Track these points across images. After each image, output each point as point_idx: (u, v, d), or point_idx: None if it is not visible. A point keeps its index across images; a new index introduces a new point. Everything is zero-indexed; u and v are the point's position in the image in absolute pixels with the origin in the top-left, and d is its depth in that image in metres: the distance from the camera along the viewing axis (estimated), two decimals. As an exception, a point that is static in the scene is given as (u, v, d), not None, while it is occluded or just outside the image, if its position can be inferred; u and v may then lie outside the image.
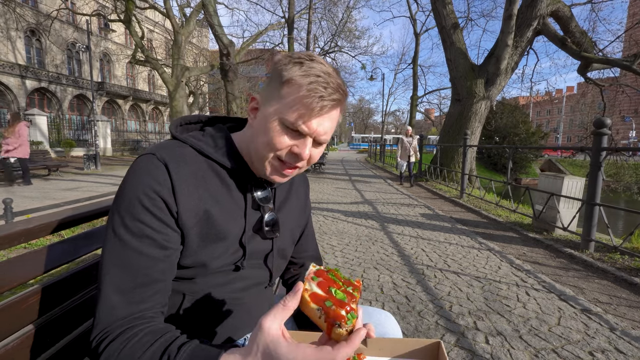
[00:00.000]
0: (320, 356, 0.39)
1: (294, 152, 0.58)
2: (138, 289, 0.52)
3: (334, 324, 0.41)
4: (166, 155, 0.57)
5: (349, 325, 0.41)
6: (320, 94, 0.54)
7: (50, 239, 3.07)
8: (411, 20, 18.19)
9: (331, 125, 0.59)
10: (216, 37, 9.13)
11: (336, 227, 4.08)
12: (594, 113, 42.22)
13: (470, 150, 7.27)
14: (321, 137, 0.58)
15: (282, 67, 0.57)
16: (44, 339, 0.63)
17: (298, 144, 0.58)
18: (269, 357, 0.40)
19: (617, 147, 4.60)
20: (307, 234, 0.86)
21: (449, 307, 2.10)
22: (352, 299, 0.44)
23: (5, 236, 0.62)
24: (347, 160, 22.22)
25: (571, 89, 60.43)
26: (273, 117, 0.57)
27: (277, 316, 0.41)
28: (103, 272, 0.52)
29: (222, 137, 0.66)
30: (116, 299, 0.51)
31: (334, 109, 0.57)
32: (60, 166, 9.66)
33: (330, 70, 0.57)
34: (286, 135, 0.57)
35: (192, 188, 0.58)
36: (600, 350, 1.66)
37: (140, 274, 0.52)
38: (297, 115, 0.55)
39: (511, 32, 7.58)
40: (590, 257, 3.03)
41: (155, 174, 0.55)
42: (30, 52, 21.74)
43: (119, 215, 0.53)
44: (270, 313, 0.41)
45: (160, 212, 0.54)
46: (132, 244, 0.52)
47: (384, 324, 0.76)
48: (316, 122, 0.56)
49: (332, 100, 0.55)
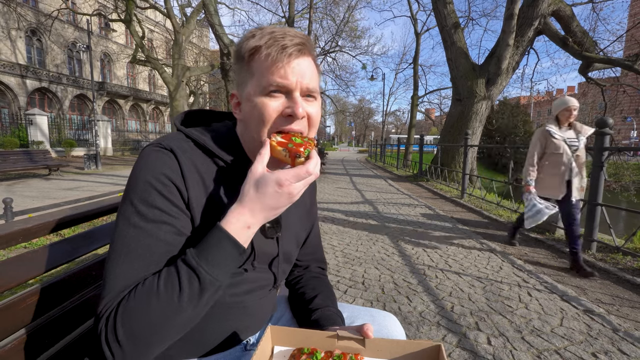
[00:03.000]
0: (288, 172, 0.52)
1: (287, 115, 0.56)
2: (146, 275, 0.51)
3: (296, 155, 0.54)
4: (172, 144, 0.57)
5: (307, 153, 0.54)
6: (281, 43, 0.54)
7: (50, 238, 3.06)
8: (412, 19, 18.15)
9: (310, 72, 0.57)
10: (217, 36, 9.13)
11: (337, 227, 4.07)
12: (594, 113, 42.14)
13: (471, 150, 7.25)
14: (306, 86, 0.56)
15: (240, 49, 0.58)
16: (43, 339, 0.62)
17: (288, 104, 0.56)
18: (259, 186, 0.52)
19: (619, 147, 4.58)
20: (312, 237, 0.84)
21: (450, 307, 2.09)
22: (307, 143, 0.56)
23: (4, 235, 0.61)
24: (347, 160, 22.21)
25: (572, 89, 60.35)
26: (254, 95, 0.56)
27: (258, 160, 0.53)
28: (111, 264, 0.50)
29: (226, 133, 0.64)
30: (123, 286, 0.49)
31: (302, 56, 0.56)
32: (61, 166, 9.67)
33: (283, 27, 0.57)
34: (272, 103, 0.56)
35: (196, 179, 0.57)
36: (603, 352, 1.65)
37: (154, 262, 0.51)
38: (271, 75, 0.54)
39: (512, 31, 7.56)
40: (592, 257, 3.02)
41: (167, 161, 0.54)
42: (31, 51, 21.77)
43: (132, 204, 0.52)
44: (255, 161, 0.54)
45: (175, 197, 0.54)
46: (150, 230, 0.51)
47: (388, 326, 0.74)
48: (290, 72, 0.55)
49: (296, 44, 0.55)
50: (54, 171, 9.34)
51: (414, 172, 10.82)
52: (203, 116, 0.71)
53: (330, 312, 0.71)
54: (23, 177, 8.92)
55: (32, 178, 8.87)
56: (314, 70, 0.59)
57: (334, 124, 70.94)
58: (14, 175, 9.07)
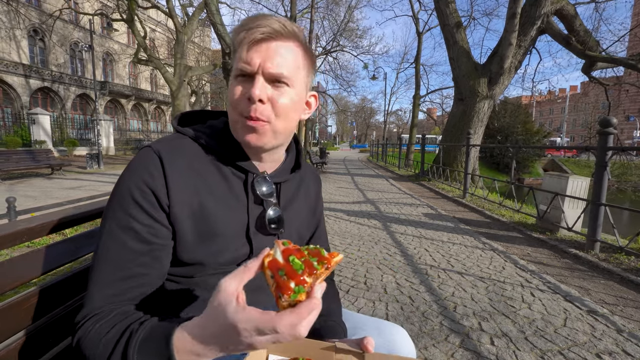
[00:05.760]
0: (263, 319, 0.37)
1: (247, 98, 0.55)
2: (118, 282, 0.52)
3: (278, 295, 0.39)
4: (162, 147, 0.56)
5: (292, 299, 0.38)
6: (247, 26, 0.54)
7: (53, 237, 3.07)
8: (413, 19, 18.07)
9: (281, 57, 0.55)
10: (218, 36, 9.13)
11: (338, 227, 4.07)
12: (597, 112, 41.99)
13: (473, 150, 7.22)
14: (269, 70, 0.54)
15: (233, 43, 0.58)
16: (46, 339, 0.62)
17: (249, 86, 0.56)
18: (218, 317, 0.39)
19: (623, 146, 4.55)
20: (317, 236, 0.81)
21: (453, 307, 2.08)
22: (309, 272, 0.40)
23: (8, 235, 0.61)
24: (349, 159, 22.20)
25: (574, 88, 60.14)
26: (231, 79, 0.58)
27: (237, 276, 0.40)
28: (91, 265, 0.53)
29: (222, 129, 0.64)
30: (95, 291, 0.51)
31: (273, 40, 0.55)
32: (63, 165, 9.71)
33: (263, 14, 0.57)
34: (238, 86, 0.56)
35: (187, 181, 0.56)
36: (607, 353, 1.64)
37: (121, 267, 0.52)
38: (239, 60, 0.55)
39: (515, 30, 7.53)
40: (595, 257, 3.00)
41: (148, 167, 0.54)
42: (33, 51, 21.86)
43: (112, 208, 0.54)
44: (231, 274, 0.41)
45: (150, 205, 0.53)
46: (117, 236, 0.52)
47: (396, 340, 0.70)
48: (256, 56, 0.54)
49: (264, 27, 0.54)
50: (56, 170, 9.37)
51: (415, 172, 10.79)
52: (200, 116, 0.71)
53: (333, 322, 0.68)
54: (26, 177, 8.96)
55: (34, 177, 8.91)
56: (289, 57, 0.56)
57: (335, 124, 70.94)
58: (17, 174, 9.10)
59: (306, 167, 0.78)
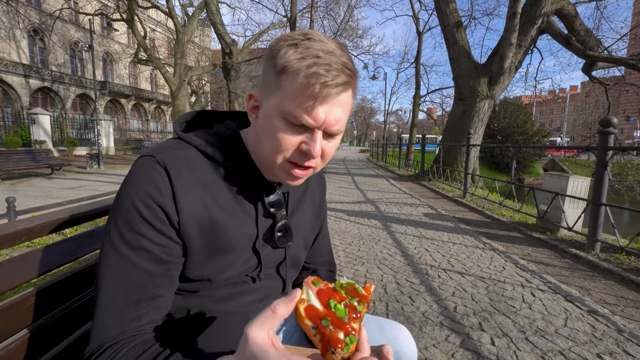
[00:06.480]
0: None
1: (302, 150, 0.51)
2: (133, 306, 0.49)
3: (329, 349, 0.36)
4: (167, 158, 0.52)
5: (346, 352, 0.37)
6: (323, 79, 0.46)
7: (52, 237, 3.07)
8: (414, 19, 18.06)
9: (342, 112, 0.51)
10: (219, 36, 9.14)
11: (339, 227, 4.06)
12: (597, 112, 41.95)
13: (473, 150, 7.22)
14: (332, 128, 0.51)
15: (275, 53, 0.50)
16: (45, 339, 0.62)
17: (306, 140, 0.51)
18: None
19: (624, 146, 4.55)
20: (321, 237, 0.79)
21: (453, 307, 2.08)
22: (355, 317, 0.39)
23: (8, 235, 0.60)
24: (349, 159, 22.19)
25: (574, 88, 60.12)
26: (274, 113, 0.50)
27: (265, 325, 0.37)
28: (98, 286, 0.49)
29: (230, 137, 0.60)
30: (108, 317, 0.48)
31: (342, 94, 0.49)
32: (63, 165, 9.71)
33: (332, 47, 0.49)
34: (292, 132, 0.50)
35: (195, 195, 0.53)
36: (608, 353, 1.63)
37: (136, 291, 0.49)
38: (299, 108, 0.48)
39: (515, 30, 7.52)
40: (596, 257, 3.00)
41: (155, 181, 0.50)
42: (33, 51, 21.87)
43: (116, 225, 0.49)
44: (256, 320, 0.37)
45: (160, 223, 0.50)
46: (129, 257, 0.49)
47: (399, 339, 0.70)
48: (322, 111, 0.48)
49: (338, 84, 0.48)
50: (56, 170, 9.37)
51: (415, 172, 10.79)
52: (203, 118, 0.66)
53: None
54: (25, 177, 8.96)
55: (34, 177, 8.91)
56: (347, 108, 0.52)
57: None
58: (17, 174, 9.11)
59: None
